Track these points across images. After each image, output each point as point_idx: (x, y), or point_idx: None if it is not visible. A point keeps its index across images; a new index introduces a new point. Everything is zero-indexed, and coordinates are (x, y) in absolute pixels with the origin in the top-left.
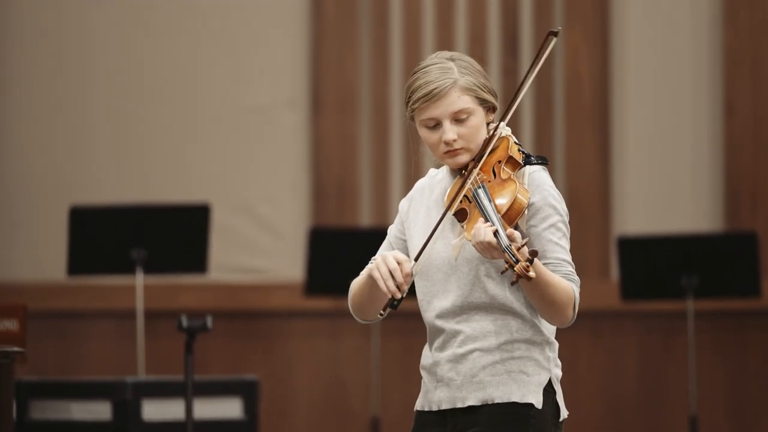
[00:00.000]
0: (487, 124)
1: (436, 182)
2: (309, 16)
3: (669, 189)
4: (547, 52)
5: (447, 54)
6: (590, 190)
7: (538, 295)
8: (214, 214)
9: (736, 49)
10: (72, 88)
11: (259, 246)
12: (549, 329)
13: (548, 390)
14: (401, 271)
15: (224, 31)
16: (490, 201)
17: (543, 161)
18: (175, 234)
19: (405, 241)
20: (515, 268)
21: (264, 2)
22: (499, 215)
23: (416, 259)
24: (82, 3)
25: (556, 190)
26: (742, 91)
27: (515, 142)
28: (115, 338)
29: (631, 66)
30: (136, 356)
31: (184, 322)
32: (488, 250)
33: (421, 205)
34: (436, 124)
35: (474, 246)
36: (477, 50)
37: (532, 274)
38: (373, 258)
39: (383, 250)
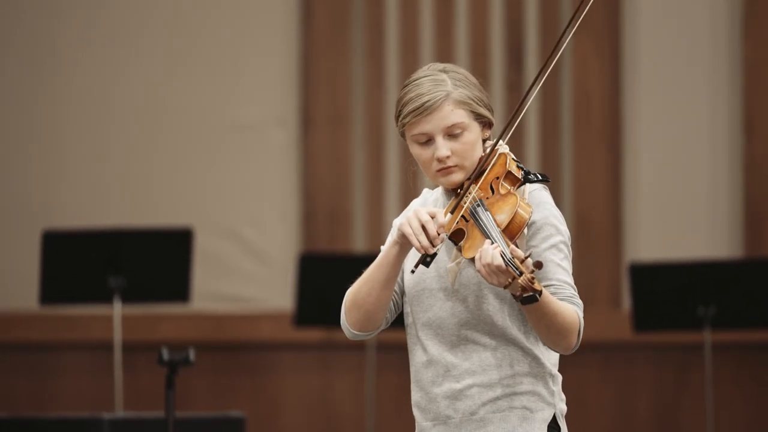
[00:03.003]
0: (484, 141)
1: (430, 203)
2: (298, 25)
3: (684, 213)
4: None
5: (440, 66)
6: (600, 214)
7: (542, 323)
8: (197, 239)
9: (756, 64)
10: (44, 104)
11: (245, 273)
12: (551, 360)
13: (553, 427)
14: (434, 224)
15: (207, 42)
16: (490, 217)
17: (544, 179)
18: (155, 260)
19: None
20: (519, 281)
21: (250, 9)
22: (500, 231)
23: (412, 271)
24: (57, 19)
25: (558, 210)
26: (762, 109)
27: (513, 159)
28: (90, 372)
29: (644, 81)
30: (113, 392)
31: (165, 354)
32: (495, 274)
33: None
34: (428, 140)
35: (479, 270)
36: (479, 63)
37: (537, 286)
38: (363, 270)
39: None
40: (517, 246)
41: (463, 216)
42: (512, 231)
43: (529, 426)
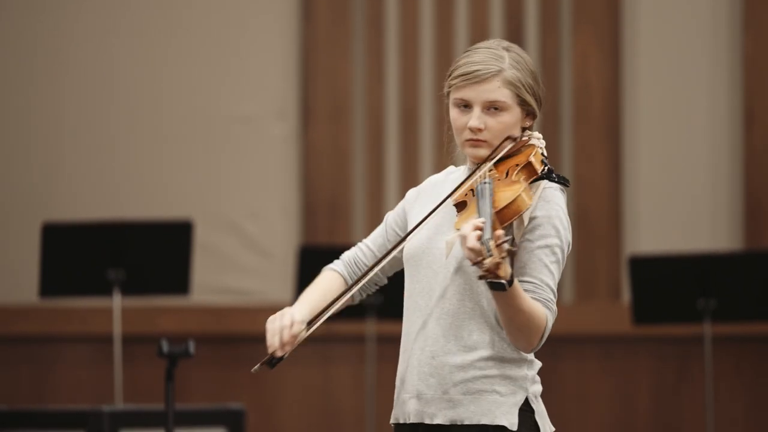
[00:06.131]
0: (523, 129)
1: (451, 179)
2: (299, 19)
3: (684, 205)
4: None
5: (506, 43)
6: (600, 207)
7: (506, 314)
8: (197, 232)
9: (756, 56)
10: (43, 97)
11: (245, 266)
12: None
13: (525, 410)
14: (289, 331)
15: (208, 35)
16: (489, 196)
17: (564, 182)
18: (155, 253)
19: (399, 235)
20: (485, 262)
21: (251, 2)
22: (493, 211)
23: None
24: (55, 10)
25: (567, 216)
26: (762, 101)
27: (542, 154)
28: (90, 364)
29: (643, 74)
30: (113, 384)
31: (165, 347)
32: (467, 247)
33: (428, 199)
34: (467, 107)
35: (458, 237)
36: None
37: (502, 273)
38: (360, 242)
39: (377, 235)
40: (513, 234)
41: (471, 189)
42: (505, 215)
43: (497, 410)
